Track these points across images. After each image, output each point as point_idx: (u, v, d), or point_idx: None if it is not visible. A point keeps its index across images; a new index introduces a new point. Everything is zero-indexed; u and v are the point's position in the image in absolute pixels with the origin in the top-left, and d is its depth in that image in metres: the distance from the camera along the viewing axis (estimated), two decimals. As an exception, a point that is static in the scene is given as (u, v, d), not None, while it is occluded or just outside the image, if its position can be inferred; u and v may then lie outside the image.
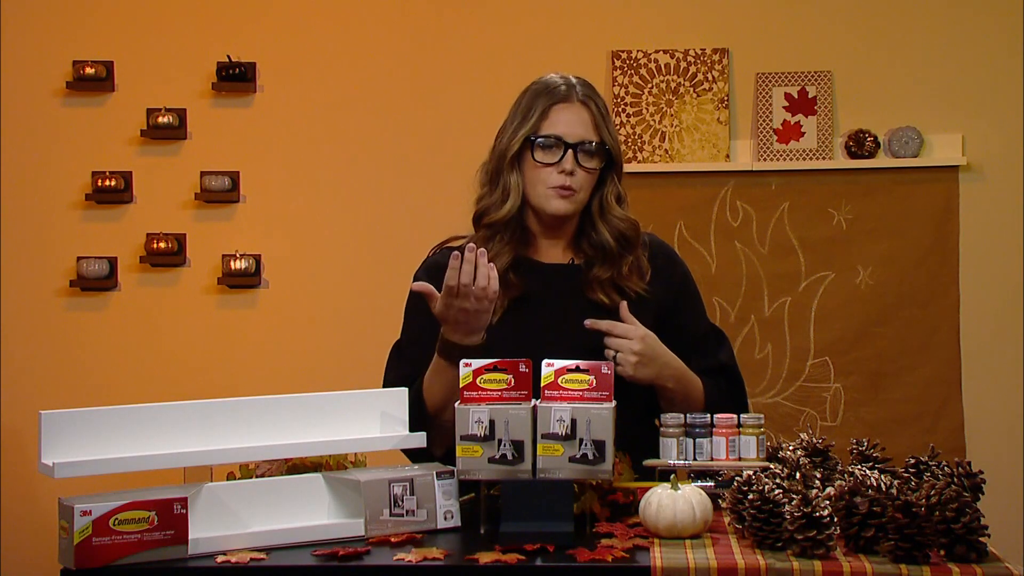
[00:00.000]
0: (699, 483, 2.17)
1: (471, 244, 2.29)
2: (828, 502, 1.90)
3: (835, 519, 1.88)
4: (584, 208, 2.49)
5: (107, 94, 4.46)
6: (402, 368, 2.47)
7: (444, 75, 4.43)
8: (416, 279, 2.47)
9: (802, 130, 4.36)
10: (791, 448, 2.20)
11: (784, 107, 4.36)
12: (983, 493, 2.09)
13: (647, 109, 4.38)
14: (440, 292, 2.28)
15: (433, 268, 2.50)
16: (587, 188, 2.46)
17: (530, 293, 2.48)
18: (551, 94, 2.47)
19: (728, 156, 4.37)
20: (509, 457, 2.01)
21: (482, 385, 2.04)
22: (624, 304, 2.42)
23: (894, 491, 1.89)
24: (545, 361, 2.07)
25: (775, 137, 4.36)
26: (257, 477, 2.15)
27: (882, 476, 1.97)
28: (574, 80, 2.50)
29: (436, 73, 4.44)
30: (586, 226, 2.51)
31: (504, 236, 2.48)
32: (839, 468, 2.20)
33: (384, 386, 2.45)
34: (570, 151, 2.43)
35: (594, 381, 2.04)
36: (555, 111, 2.45)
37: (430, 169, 4.39)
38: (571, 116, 2.45)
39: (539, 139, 2.44)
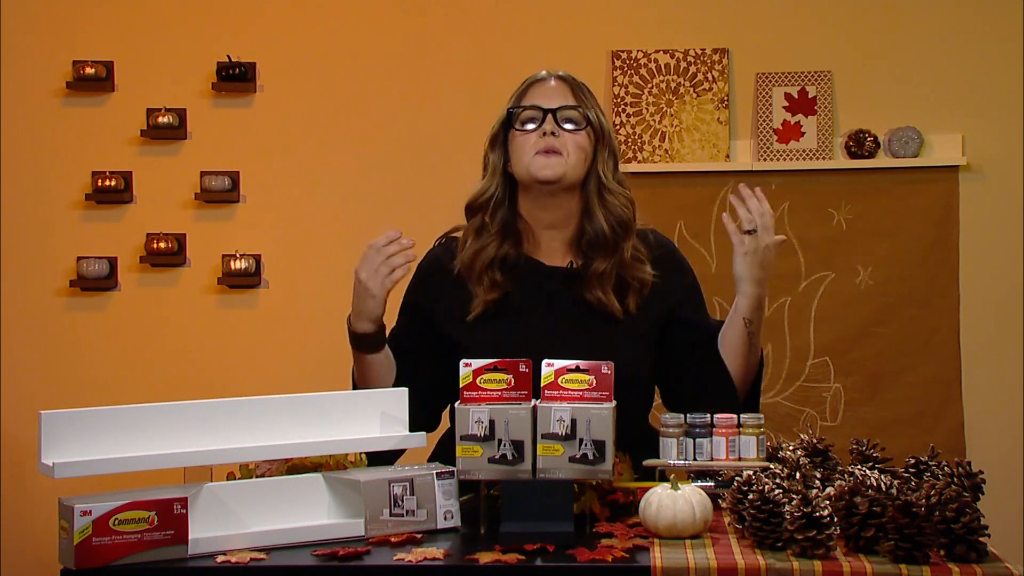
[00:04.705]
0: (699, 483, 2.17)
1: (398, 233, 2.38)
2: (828, 502, 1.90)
3: (835, 519, 1.88)
4: (582, 191, 2.49)
5: (107, 94, 4.46)
6: None
7: (444, 75, 4.43)
8: (418, 272, 2.56)
9: (802, 130, 4.36)
10: (791, 448, 2.20)
11: (784, 107, 4.36)
12: (983, 493, 2.09)
13: (647, 109, 4.38)
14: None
15: (426, 268, 2.55)
16: (575, 153, 2.46)
17: (529, 296, 2.47)
18: (531, 79, 2.54)
19: (728, 156, 4.37)
20: (509, 457, 2.01)
21: (482, 385, 2.04)
22: (743, 185, 2.54)
23: (894, 491, 1.89)
24: (545, 361, 2.06)
25: (775, 137, 4.35)
26: (257, 477, 2.15)
27: (882, 476, 1.97)
28: (560, 71, 2.55)
29: (436, 73, 4.44)
30: (584, 216, 2.49)
31: (491, 226, 2.48)
32: (839, 468, 2.20)
33: None
34: (549, 115, 2.46)
35: (594, 381, 2.04)
36: (533, 88, 2.52)
37: (430, 169, 4.39)
38: (548, 89, 2.51)
39: (518, 108, 2.49)
